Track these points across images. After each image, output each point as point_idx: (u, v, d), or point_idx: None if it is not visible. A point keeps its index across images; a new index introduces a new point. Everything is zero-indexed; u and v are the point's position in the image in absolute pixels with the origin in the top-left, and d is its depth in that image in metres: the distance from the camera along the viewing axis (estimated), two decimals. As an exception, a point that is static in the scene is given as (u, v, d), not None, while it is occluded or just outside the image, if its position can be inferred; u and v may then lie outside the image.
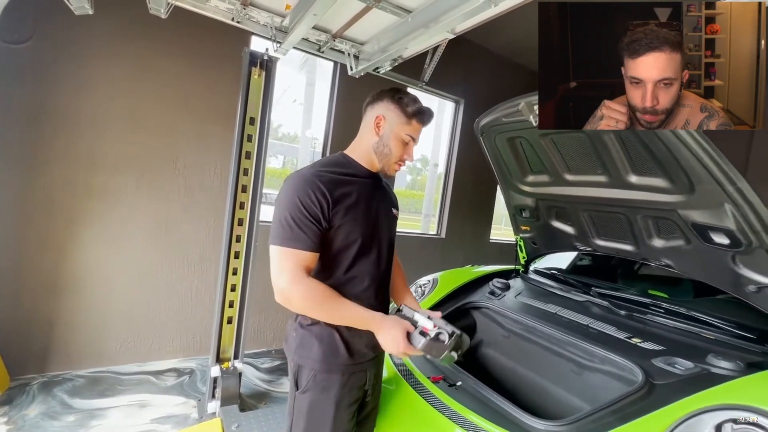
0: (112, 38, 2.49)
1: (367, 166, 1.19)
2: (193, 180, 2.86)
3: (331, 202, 1.05)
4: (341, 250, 1.10)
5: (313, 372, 1.10)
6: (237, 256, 2.35)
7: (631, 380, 1.34)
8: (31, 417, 2.10)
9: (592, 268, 2.62)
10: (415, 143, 1.20)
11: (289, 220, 1.02)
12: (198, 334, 3.00)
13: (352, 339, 1.13)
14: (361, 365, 1.15)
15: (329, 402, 1.09)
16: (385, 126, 1.15)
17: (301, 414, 1.11)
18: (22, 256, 2.41)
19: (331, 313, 1.04)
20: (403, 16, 2.05)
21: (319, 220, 1.03)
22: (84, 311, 2.61)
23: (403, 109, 1.14)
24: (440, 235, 4.42)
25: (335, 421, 1.09)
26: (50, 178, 2.43)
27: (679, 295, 2.10)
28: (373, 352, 1.18)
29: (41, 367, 2.51)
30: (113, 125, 2.57)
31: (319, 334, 1.11)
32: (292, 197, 1.04)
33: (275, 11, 2.29)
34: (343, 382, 1.11)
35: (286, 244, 1.02)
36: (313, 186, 1.04)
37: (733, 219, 1.33)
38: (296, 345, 1.13)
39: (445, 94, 4.13)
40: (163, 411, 2.29)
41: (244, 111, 2.25)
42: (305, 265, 1.02)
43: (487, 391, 1.34)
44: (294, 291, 1.01)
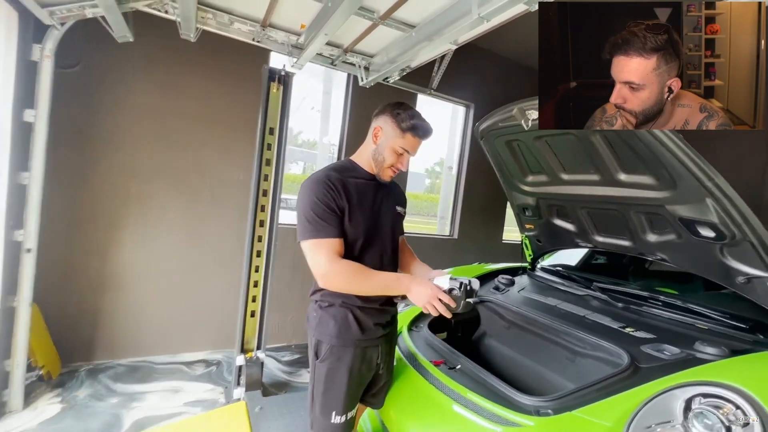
0: (148, 61, 2.78)
1: (369, 170, 1.36)
2: (218, 187, 3.11)
3: (341, 195, 1.23)
4: (347, 244, 1.26)
5: (330, 345, 1.28)
6: (259, 254, 2.56)
7: (618, 364, 1.43)
8: (81, 398, 2.36)
9: (595, 264, 2.69)
10: (412, 154, 1.34)
11: (313, 216, 1.19)
12: (224, 329, 3.24)
13: (363, 318, 1.31)
14: (372, 341, 1.33)
15: (344, 369, 1.28)
16: (381, 136, 1.30)
17: (321, 379, 1.30)
18: (71, 257, 2.71)
19: (369, 282, 1.21)
20: (408, 31, 2.21)
21: (335, 211, 1.22)
22: (123, 307, 2.89)
23: (398, 124, 1.28)
24: (453, 235, 4.53)
25: (348, 384, 1.28)
26: (95, 187, 2.73)
27: (683, 291, 2.15)
28: (383, 330, 1.36)
29: (87, 356, 2.80)
30: (148, 139, 2.85)
31: (334, 314, 1.30)
32: (310, 197, 1.22)
33: (291, 30, 2.50)
34: (356, 354, 1.29)
35: (315, 236, 1.19)
36: (325, 185, 1.23)
37: (715, 213, 1.41)
38: (316, 323, 1.32)
39: (454, 99, 4.27)
40: (193, 396, 2.51)
41: (264, 122, 2.47)
42: (335, 250, 1.20)
43: (484, 373, 1.46)
44: (333, 272, 1.18)
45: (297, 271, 3.52)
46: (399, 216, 1.47)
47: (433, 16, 2.04)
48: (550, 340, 1.80)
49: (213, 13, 2.29)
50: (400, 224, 1.49)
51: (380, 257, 1.36)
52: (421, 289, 1.20)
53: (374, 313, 1.32)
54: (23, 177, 2.09)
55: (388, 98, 1.36)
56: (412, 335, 1.84)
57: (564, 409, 1.22)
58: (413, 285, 1.21)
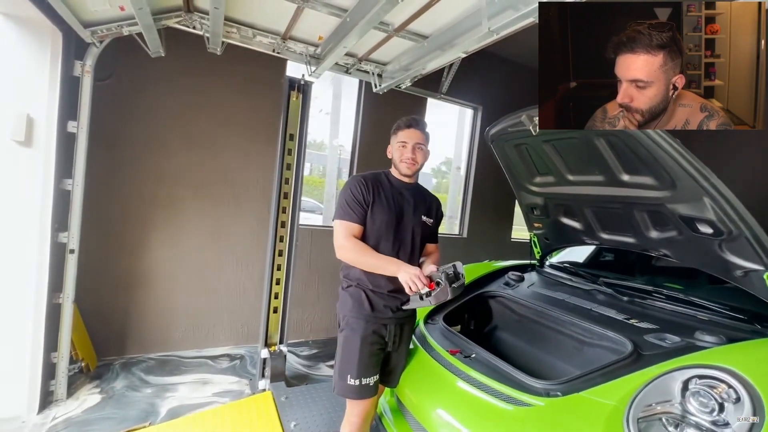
0: (175, 73, 2.95)
1: (398, 177, 1.66)
2: (240, 190, 3.27)
3: (370, 192, 1.56)
4: (369, 227, 1.56)
5: (347, 318, 1.59)
6: (281, 254, 2.71)
7: (622, 352, 1.54)
8: (117, 389, 2.53)
9: (601, 261, 2.79)
10: (410, 143, 1.59)
11: (344, 203, 1.55)
12: (246, 325, 3.40)
13: (374, 299, 1.58)
14: (381, 319, 1.59)
15: (356, 337, 1.55)
16: (390, 149, 1.69)
17: (340, 346, 1.60)
18: (105, 257, 2.89)
19: (369, 259, 1.50)
20: (420, 42, 2.34)
21: (361, 203, 1.55)
22: (152, 304, 3.07)
23: (393, 132, 1.67)
24: (462, 234, 4.64)
25: (360, 350, 1.54)
26: (125, 191, 2.91)
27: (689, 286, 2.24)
28: (392, 312, 1.60)
29: (120, 350, 2.98)
30: (175, 145, 3.02)
31: (351, 293, 1.60)
32: (346, 189, 1.59)
33: (309, 42, 2.65)
34: (366, 327, 1.56)
35: (341, 218, 1.54)
36: (359, 182, 1.58)
37: (712, 210, 1.51)
38: (339, 302, 1.66)
39: (463, 102, 4.38)
40: (221, 387, 2.67)
41: (285, 129, 2.62)
42: (353, 232, 1.53)
43: (496, 360, 1.59)
44: (345, 245, 1.52)
45: (314, 270, 3.67)
46: (424, 224, 1.68)
47: (445, 29, 2.17)
48: (558, 331, 1.92)
49: (237, 28, 2.45)
50: (426, 232, 1.70)
51: (396, 252, 1.58)
52: (407, 269, 1.43)
53: (384, 296, 1.59)
54: (67, 183, 2.26)
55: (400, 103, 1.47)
56: (428, 327, 1.98)
57: (572, 391, 1.34)
58: (402, 267, 1.45)
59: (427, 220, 1.69)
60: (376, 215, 1.55)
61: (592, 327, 1.74)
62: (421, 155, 1.63)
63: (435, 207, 1.76)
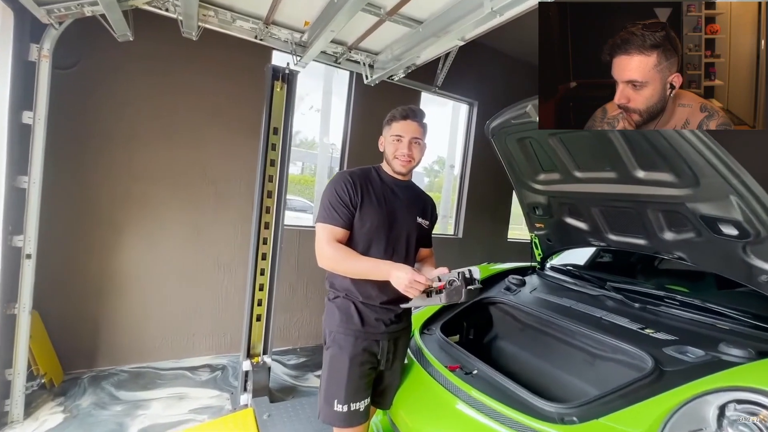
0: (148, 60, 2.72)
1: (389, 172, 1.47)
2: (222, 187, 3.05)
3: (357, 191, 1.36)
4: (358, 230, 1.37)
5: (333, 333, 1.40)
6: (264, 257, 2.51)
7: (641, 368, 1.39)
8: (83, 407, 2.31)
9: (607, 263, 2.65)
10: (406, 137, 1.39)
11: (328, 204, 1.35)
12: (228, 333, 3.19)
13: (365, 311, 1.39)
14: (372, 335, 1.40)
15: (344, 357, 1.36)
16: (383, 141, 1.48)
17: (326, 366, 1.41)
18: (72, 261, 2.65)
19: (355, 265, 1.31)
20: (415, 27, 2.17)
21: (347, 204, 1.35)
22: (126, 311, 2.84)
23: (385, 122, 1.46)
24: (457, 235, 4.48)
25: (349, 372, 1.35)
26: (95, 188, 2.67)
27: (698, 289, 2.11)
28: (385, 327, 1.42)
29: (90, 363, 2.75)
30: (149, 138, 2.79)
31: (339, 305, 1.41)
32: (331, 188, 1.38)
33: (295, 28, 2.45)
34: (356, 344, 1.37)
35: (325, 221, 1.35)
36: (345, 179, 1.38)
37: (739, 210, 1.37)
38: (325, 315, 1.46)
39: (458, 97, 4.22)
40: (199, 403, 2.46)
41: (268, 122, 2.42)
42: (336, 237, 1.34)
43: (502, 378, 1.42)
44: (326, 251, 1.32)
45: (302, 272, 3.47)
46: (419, 226, 1.50)
47: (441, 11, 1.99)
48: (566, 342, 1.76)
49: (215, 11, 2.24)
50: (421, 234, 1.52)
51: (390, 256, 1.39)
52: (399, 273, 1.23)
53: (376, 309, 1.40)
54: (22, 181, 2.03)
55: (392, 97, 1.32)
56: (424, 338, 1.80)
57: (589, 417, 1.18)
58: (393, 270, 1.25)
59: (422, 221, 1.51)
60: (365, 217, 1.36)
61: (605, 338, 1.58)
62: (418, 151, 1.43)
63: (430, 207, 1.58)
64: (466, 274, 1.24)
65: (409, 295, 1.23)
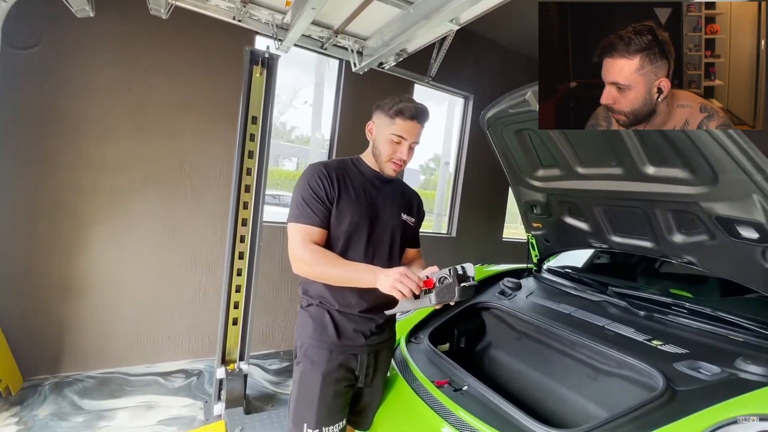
0: (115, 40, 2.50)
1: (372, 167, 1.29)
2: (199, 180, 2.86)
3: (334, 185, 1.20)
4: (335, 228, 1.21)
5: (305, 347, 1.24)
6: (241, 256, 2.32)
7: (650, 386, 1.25)
8: (41, 418, 2.12)
9: (609, 266, 2.51)
10: (409, 141, 1.22)
11: (300, 200, 1.19)
12: (207, 336, 3.00)
13: (342, 321, 1.24)
14: (350, 348, 1.24)
15: (316, 373, 1.21)
16: (375, 130, 1.26)
17: (296, 382, 1.25)
18: (32, 259, 2.45)
19: (336, 270, 1.14)
20: (405, 8, 1.99)
21: (323, 200, 1.19)
22: (93, 312, 2.64)
23: (386, 112, 1.21)
24: (451, 234, 4.33)
25: (321, 391, 1.20)
26: (57, 179, 2.46)
27: (703, 294, 1.98)
28: (365, 339, 1.25)
29: (53, 368, 2.55)
30: (118, 125, 2.58)
31: (313, 314, 1.25)
32: (303, 182, 1.21)
33: (276, 8, 2.26)
34: (330, 359, 1.22)
35: (298, 220, 1.18)
36: (320, 172, 1.21)
37: (762, 211, 1.23)
38: (297, 325, 1.31)
39: (453, 89, 4.05)
40: (170, 412, 2.28)
41: (246, 110, 2.23)
42: (312, 238, 1.18)
43: (495, 397, 1.26)
44: (302, 255, 1.15)
45: (286, 272, 3.29)
46: (404, 223, 1.34)
47: (434, -11, 1.82)
48: (566, 354, 1.61)
49: (186, -14, 2.05)
50: (406, 233, 1.35)
51: (371, 260, 1.23)
52: (388, 274, 1.07)
53: (354, 319, 1.25)
54: (-33, 170, 1.83)
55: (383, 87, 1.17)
56: (410, 348, 1.64)
57: (595, 447, 1.02)
58: (381, 274, 1.09)
59: (407, 218, 1.34)
60: (342, 213, 1.20)
61: (610, 351, 1.43)
62: (412, 155, 1.27)
63: (416, 204, 1.41)
64: (459, 270, 1.08)
65: (397, 295, 1.05)
